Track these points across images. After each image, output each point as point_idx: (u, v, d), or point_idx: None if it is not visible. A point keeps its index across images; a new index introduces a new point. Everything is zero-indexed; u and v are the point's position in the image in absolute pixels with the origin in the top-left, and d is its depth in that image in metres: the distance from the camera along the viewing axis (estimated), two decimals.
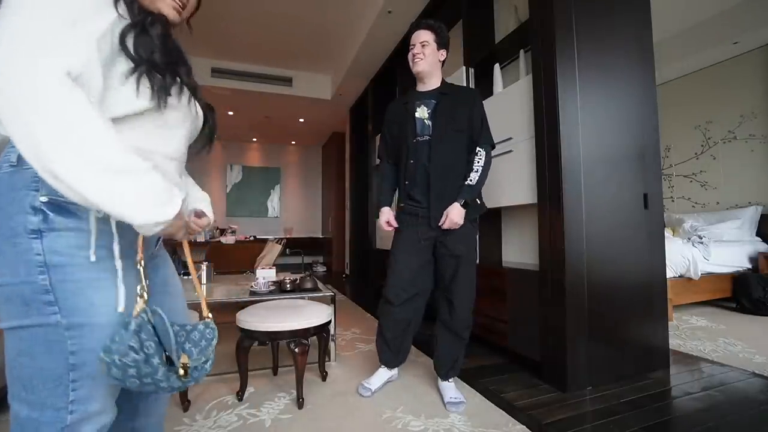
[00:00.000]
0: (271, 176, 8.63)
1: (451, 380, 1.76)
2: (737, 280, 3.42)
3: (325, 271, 7.72)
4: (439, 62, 1.75)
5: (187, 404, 1.64)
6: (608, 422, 1.51)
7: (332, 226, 7.57)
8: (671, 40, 3.99)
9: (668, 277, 2.89)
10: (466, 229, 1.70)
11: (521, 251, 2.60)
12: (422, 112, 1.73)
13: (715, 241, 3.57)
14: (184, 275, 0.96)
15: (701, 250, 3.37)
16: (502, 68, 2.68)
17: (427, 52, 1.69)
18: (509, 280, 2.20)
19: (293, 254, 6.39)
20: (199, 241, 5.89)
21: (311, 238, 8.62)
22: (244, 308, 1.86)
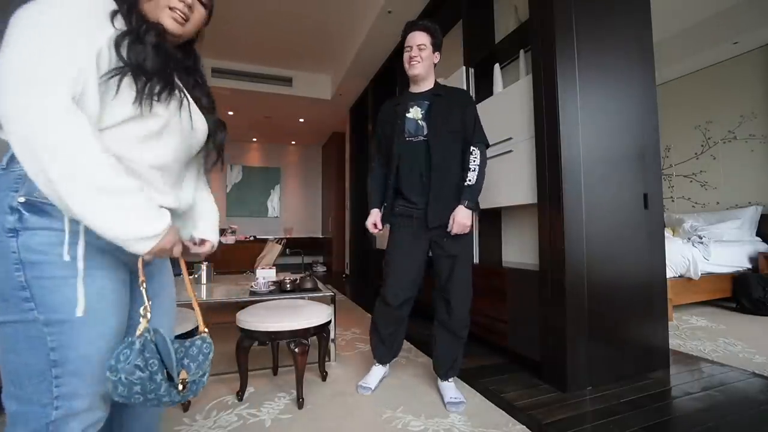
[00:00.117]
0: (271, 176, 8.63)
1: (450, 380, 1.76)
2: (737, 280, 3.42)
3: (325, 271, 7.72)
4: (433, 64, 1.76)
5: (187, 404, 1.64)
6: (608, 422, 1.51)
7: (332, 226, 7.57)
8: (671, 40, 3.99)
9: (668, 277, 2.89)
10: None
11: (521, 251, 2.60)
12: (415, 112, 1.74)
13: (715, 241, 3.57)
14: (189, 275, 0.97)
15: (701, 250, 3.37)
16: (502, 68, 2.68)
17: (424, 55, 1.69)
18: (509, 280, 2.20)
19: (293, 254, 6.39)
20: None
21: (311, 238, 8.62)
22: (244, 308, 1.86)
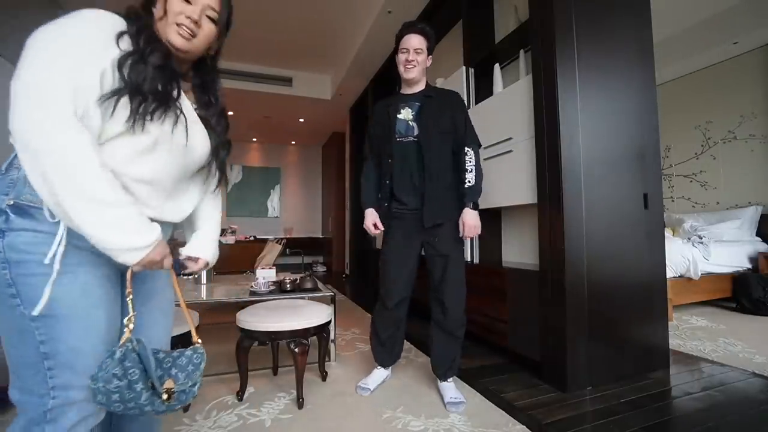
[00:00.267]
0: (271, 176, 8.63)
1: (450, 380, 1.76)
2: (737, 280, 3.42)
3: (325, 271, 7.72)
4: (426, 68, 1.77)
5: (187, 405, 1.63)
6: (608, 422, 1.51)
7: (332, 226, 7.57)
8: (671, 40, 3.98)
9: (668, 277, 2.89)
10: (452, 228, 1.72)
11: (521, 251, 2.60)
12: (406, 113, 1.75)
13: (715, 241, 3.57)
14: (182, 275, 0.98)
15: (701, 250, 3.37)
16: (502, 68, 2.68)
17: (420, 59, 1.70)
18: (509, 280, 2.20)
19: (293, 254, 6.39)
20: None
21: (311, 238, 8.62)
22: (244, 308, 1.86)
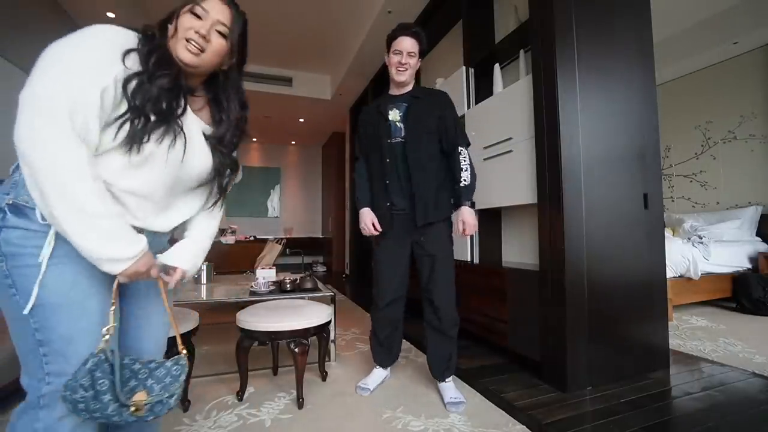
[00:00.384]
0: (271, 176, 8.63)
1: (448, 380, 1.76)
2: (737, 280, 3.42)
3: (325, 271, 7.72)
4: (416, 70, 1.78)
5: (187, 404, 1.64)
6: (608, 422, 1.51)
7: (332, 226, 7.57)
8: (671, 40, 3.98)
9: (668, 277, 2.89)
10: (439, 228, 1.73)
11: (521, 251, 2.60)
12: (394, 115, 1.75)
13: (715, 241, 3.57)
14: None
15: (701, 250, 3.37)
16: (502, 68, 2.68)
17: (412, 62, 1.71)
18: (509, 280, 2.20)
19: (293, 254, 6.39)
20: None
21: (311, 238, 8.62)
22: (244, 308, 1.86)
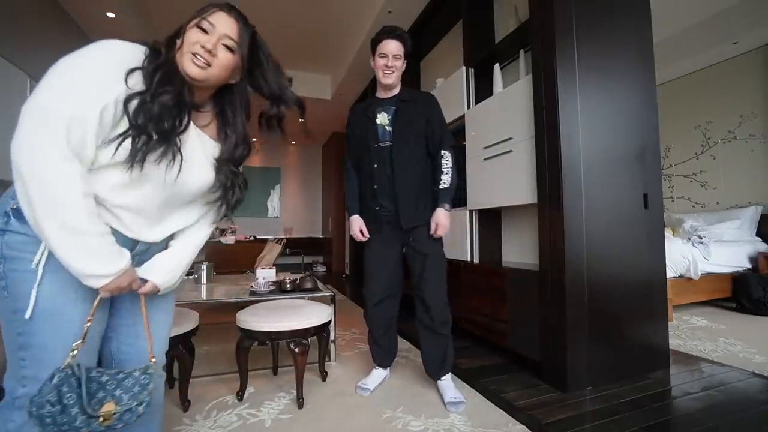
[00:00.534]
0: (271, 176, 8.63)
1: (446, 378, 1.77)
2: (737, 280, 3.42)
3: (325, 271, 7.72)
4: (402, 72, 1.78)
5: (187, 404, 1.64)
6: (608, 422, 1.51)
7: (332, 226, 7.56)
8: (671, 40, 3.98)
9: (668, 277, 2.89)
10: (427, 229, 1.74)
11: (521, 251, 2.60)
12: (383, 118, 1.77)
13: (715, 241, 3.57)
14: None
15: (701, 250, 3.37)
16: (502, 68, 2.68)
17: (398, 65, 1.71)
18: (509, 280, 2.20)
19: (293, 254, 6.39)
20: None
21: (311, 238, 8.61)
22: (244, 308, 1.86)
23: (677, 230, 3.89)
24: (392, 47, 1.68)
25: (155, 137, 0.77)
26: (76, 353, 0.78)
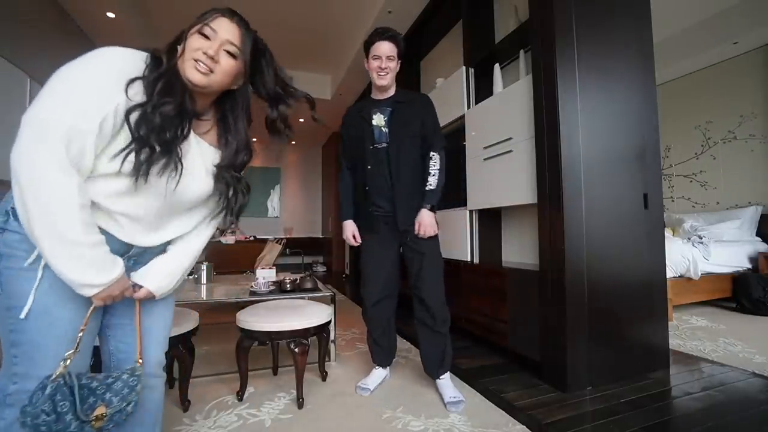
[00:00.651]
0: (271, 176, 8.63)
1: (444, 377, 1.77)
2: (737, 280, 3.42)
3: (325, 271, 7.72)
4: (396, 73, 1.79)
5: (187, 404, 1.64)
6: (608, 422, 1.51)
7: (332, 226, 7.56)
8: (671, 40, 3.98)
9: (668, 277, 2.89)
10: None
11: (521, 251, 2.60)
12: (378, 119, 1.77)
13: (715, 241, 3.57)
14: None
15: (701, 250, 3.37)
16: (502, 68, 2.68)
17: (392, 66, 1.72)
18: (509, 280, 2.20)
19: (293, 254, 6.39)
20: None
21: (311, 238, 8.62)
22: (244, 308, 1.86)
23: (677, 230, 3.89)
24: (385, 49, 1.69)
25: (158, 149, 0.77)
26: (69, 362, 0.79)
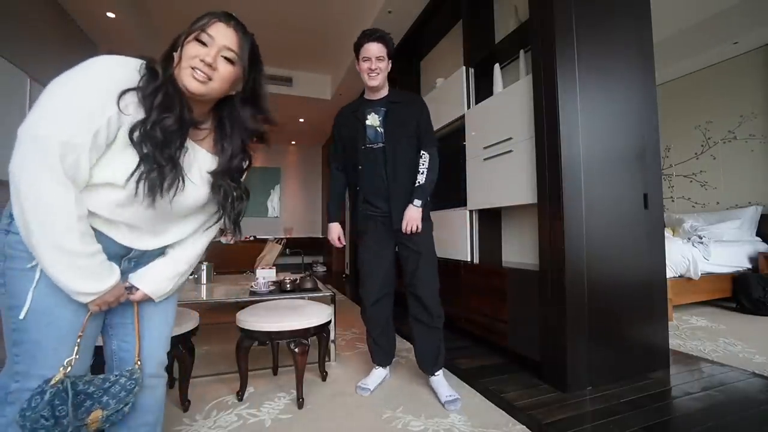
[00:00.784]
0: (271, 176, 8.63)
1: (438, 374, 1.78)
2: (737, 280, 3.42)
3: (325, 271, 7.72)
4: (387, 73, 1.79)
5: (187, 404, 1.64)
6: (608, 422, 1.51)
7: None
8: (671, 40, 3.98)
9: (668, 277, 2.89)
10: (424, 225, 1.76)
11: (521, 251, 2.60)
12: (373, 120, 1.78)
13: (715, 241, 3.57)
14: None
15: (701, 250, 3.37)
16: (502, 68, 2.68)
17: (382, 66, 1.72)
18: (509, 280, 2.20)
19: (293, 254, 6.39)
20: None
21: (311, 238, 8.62)
22: (244, 308, 1.86)
23: (677, 230, 3.89)
24: (374, 49, 1.70)
25: (166, 165, 0.78)
26: (69, 369, 0.80)
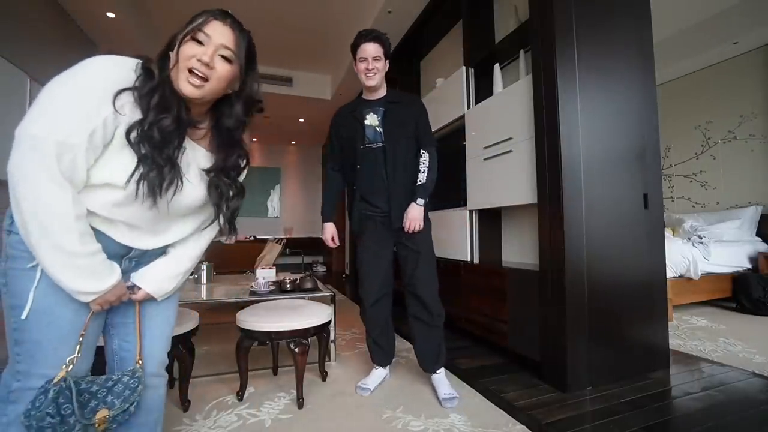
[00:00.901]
0: (271, 176, 8.63)
1: (440, 372, 1.79)
2: (737, 280, 3.42)
3: (325, 271, 7.72)
4: (385, 73, 1.79)
5: (187, 404, 1.64)
6: (608, 422, 1.51)
7: None
8: (671, 40, 3.98)
9: (668, 277, 2.89)
10: (424, 224, 1.76)
11: (521, 251, 2.60)
12: (372, 119, 1.78)
13: (715, 241, 3.57)
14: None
15: (701, 250, 3.37)
16: (502, 68, 2.68)
17: (379, 66, 1.72)
18: (509, 280, 2.20)
19: (293, 254, 6.39)
20: None
21: (311, 238, 8.61)
22: (244, 308, 1.86)
23: (677, 230, 3.89)
24: (371, 50, 1.70)
25: (165, 165, 0.78)
26: (72, 368, 0.80)
